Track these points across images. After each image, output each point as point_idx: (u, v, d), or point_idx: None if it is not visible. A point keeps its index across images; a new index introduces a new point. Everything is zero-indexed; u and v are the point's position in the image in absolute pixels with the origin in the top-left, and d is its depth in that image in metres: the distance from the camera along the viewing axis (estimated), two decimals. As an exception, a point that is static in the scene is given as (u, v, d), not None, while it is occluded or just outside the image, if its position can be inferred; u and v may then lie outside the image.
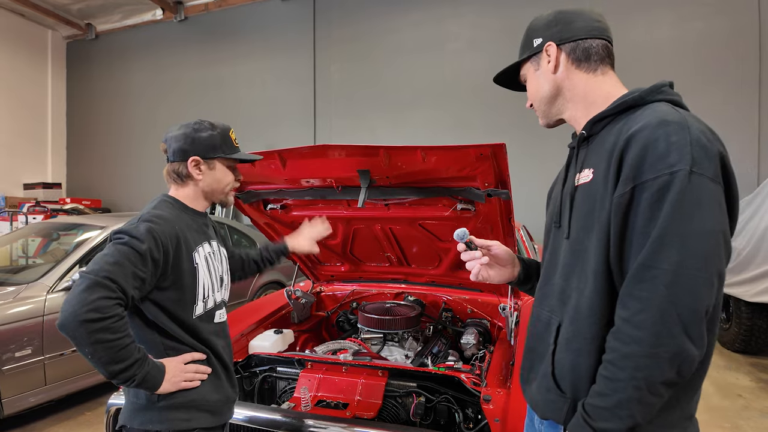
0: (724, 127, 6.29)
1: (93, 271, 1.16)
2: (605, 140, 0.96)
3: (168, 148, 1.42)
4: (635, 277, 0.85)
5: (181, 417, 1.32)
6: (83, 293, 1.12)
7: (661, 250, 0.82)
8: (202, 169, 1.42)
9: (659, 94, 0.95)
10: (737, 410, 3.55)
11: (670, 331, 0.80)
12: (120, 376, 1.18)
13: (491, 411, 1.62)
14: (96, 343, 1.12)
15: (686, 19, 6.62)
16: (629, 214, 0.87)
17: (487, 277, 1.25)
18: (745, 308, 4.63)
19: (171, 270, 1.30)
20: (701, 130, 0.86)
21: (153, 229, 1.26)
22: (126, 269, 1.18)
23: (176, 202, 1.43)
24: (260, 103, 9.16)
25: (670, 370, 0.81)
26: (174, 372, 1.29)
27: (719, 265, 0.82)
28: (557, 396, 0.99)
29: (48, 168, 10.79)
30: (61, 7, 9.91)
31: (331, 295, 3.05)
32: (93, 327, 1.11)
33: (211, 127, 1.44)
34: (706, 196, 0.81)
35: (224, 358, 1.46)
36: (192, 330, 1.36)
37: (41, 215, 7.08)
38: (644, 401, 0.82)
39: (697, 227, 0.81)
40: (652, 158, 0.84)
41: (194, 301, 1.37)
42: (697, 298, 0.80)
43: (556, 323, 1.03)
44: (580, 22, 1.05)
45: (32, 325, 3.01)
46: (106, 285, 1.14)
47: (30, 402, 3.04)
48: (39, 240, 4.41)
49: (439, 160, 1.81)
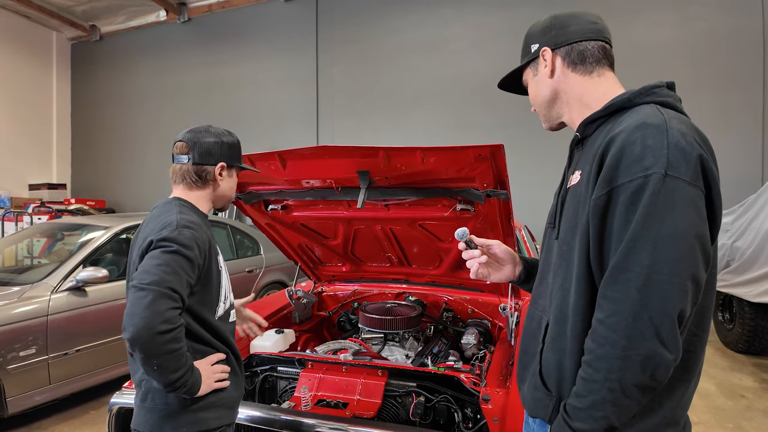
0: (728, 126, 6.35)
1: (155, 282, 1.16)
2: (594, 143, 0.97)
3: (193, 148, 1.42)
4: (609, 279, 0.85)
5: (213, 416, 1.36)
6: (153, 305, 1.13)
7: (633, 253, 0.82)
8: (224, 175, 1.47)
9: (649, 95, 0.95)
10: (740, 410, 3.53)
11: (642, 334, 0.80)
12: (178, 383, 1.21)
13: (490, 411, 1.63)
14: (168, 353, 1.15)
15: (690, 19, 6.60)
16: (607, 217, 0.88)
17: (486, 275, 1.27)
18: (748, 309, 4.61)
19: (204, 274, 1.33)
20: (682, 133, 0.84)
21: (195, 237, 1.29)
22: (182, 278, 1.21)
23: (191, 206, 1.44)
24: (263, 104, 9.19)
25: (642, 373, 0.80)
26: (207, 374, 1.32)
27: (693, 269, 0.81)
28: (543, 395, 1.01)
29: (53, 169, 10.87)
30: (66, 9, 9.99)
31: (332, 295, 3.06)
32: (165, 338, 1.14)
33: (230, 134, 1.50)
34: (681, 200, 0.81)
35: (240, 355, 1.51)
36: (214, 330, 1.39)
37: (46, 215, 7.14)
38: (618, 403, 0.82)
39: (670, 230, 0.80)
40: (628, 161, 0.84)
41: (217, 302, 1.40)
42: (669, 302, 0.79)
43: (545, 322, 1.04)
44: (575, 26, 1.06)
45: (36, 324, 3.03)
46: (170, 296, 1.16)
47: (34, 401, 3.06)
48: (44, 240, 4.45)
49: (438, 161, 1.82)
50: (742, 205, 5.02)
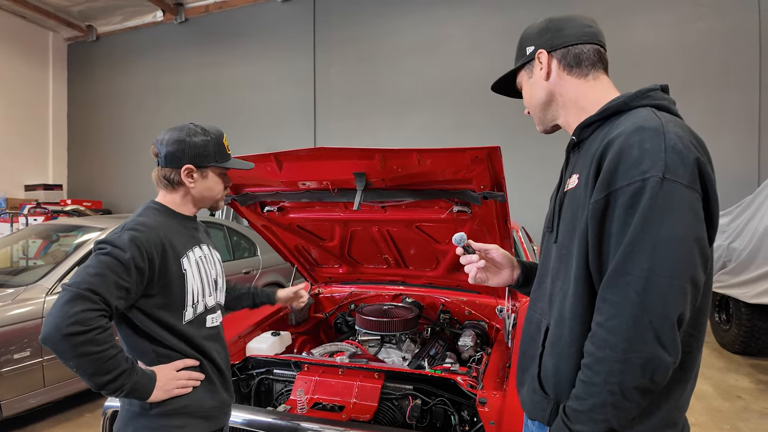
0: (724, 127, 6.36)
1: (75, 283, 1.14)
2: (591, 146, 0.97)
3: (159, 152, 1.38)
4: (609, 282, 0.86)
5: (175, 424, 1.31)
6: (65, 306, 1.10)
7: (632, 257, 0.82)
8: (195, 177, 1.39)
9: (644, 99, 0.95)
10: (737, 411, 3.54)
11: (642, 338, 0.80)
12: (107, 387, 1.17)
13: (487, 414, 1.62)
14: (81, 356, 1.11)
15: (686, 20, 6.62)
16: (605, 220, 0.88)
17: (484, 280, 1.27)
18: (745, 309, 4.62)
19: (158, 277, 1.28)
20: (679, 136, 0.85)
21: (136, 238, 1.24)
22: (108, 280, 1.16)
23: (164, 208, 1.40)
24: (260, 105, 9.17)
25: (642, 376, 0.81)
26: (166, 379, 1.28)
27: (692, 272, 0.81)
28: (542, 397, 1.01)
29: (49, 169, 10.83)
30: (62, 9, 9.94)
31: (329, 296, 3.05)
32: (77, 340, 1.09)
33: (204, 132, 1.39)
34: (678, 203, 0.81)
35: (219, 363, 1.43)
36: (183, 336, 1.34)
37: (42, 217, 7.10)
38: (619, 406, 0.83)
39: (668, 234, 0.81)
40: (626, 165, 0.85)
41: (183, 306, 1.34)
42: (668, 305, 0.80)
43: (545, 326, 1.04)
44: (571, 29, 1.06)
45: (31, 326, 3.01)
46: (88, 297, 1.12)
47: (29, 403, 3.04)
48: (39, 242, 4.42)
49: (435, 163, 1.81)
50: (739, 206, 5.04)
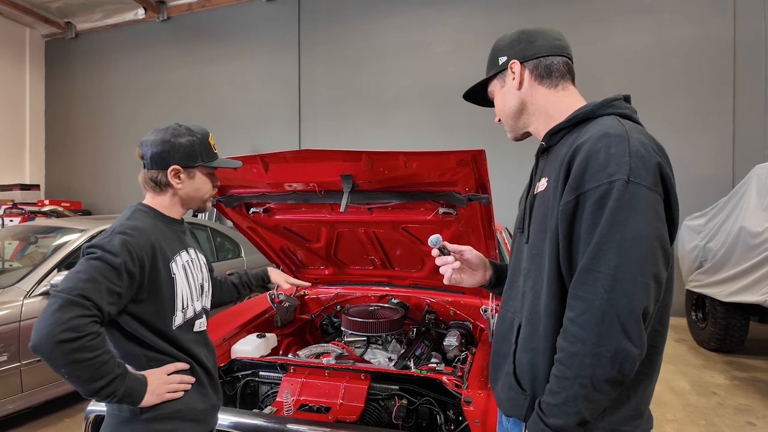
0: (700, 129, 6.54)
1: (66, 289, 1.11)
2: (560, 151, 1.02)
3: (145, 154, 1.36)
4: (579, 279, 0.90)
5: (166, 428, 1.30)
6: (57, 313, 1.08)
7: (600, 255, 0.87)
8: (182, 178, 1.38)
9: (609, 107, 1.01)
10: (712, 408, 3.64)
11: (610, 331, 0.85)
12: (100, 393, 1.15)
13: (472, 413, 1.64)
14: (73, 362, 1.09)
15: (663, 27, 6.78)
16: (575, 221, 0.93)
17: (459, 281, 1.32)
18: (720, 308, 4.75)
19: (148, 282, 1.27)
20: (641, 142, 0.91)
21: (127, 242, 1.22)
22: (100, 285, 1.14)
23: (152, 211, 1.39)
24: (244, 105, 9.09)
25: (611, 368, 0.86)
26: (157, 384, 1.27)
27: (655, 269, 0.87)
28: (518, 393, 1.04)
29: (26, 169, 10.55)
30: (40, 5, 9.72)
31: (315, 298, 3.05)
32: (69, 347, 1.07)
33: (190, 132, 1.38)
34: (642, 204, 0.87)
35: (207, 366, 1.44)
36: (172, 340, 1.34)
37: (18, 217, 6.93)
38: (590, 398, 0.87)
39: (633, 233, 0.86)
40: (593, 168, 0.90)
41: (173, 311, 1.34)
42: (633, 300, 0.85)
43: (517, 324, 1.08)
44: (542, 41, 1.12)
45: (8, 330, 2.95)
46: (80, 303, 1.10)
47: (7, 409, 2.97)
48: (16, 243, 4.32)
49: (421, 166, 1.83)
50: (715, 207, 5.17)
